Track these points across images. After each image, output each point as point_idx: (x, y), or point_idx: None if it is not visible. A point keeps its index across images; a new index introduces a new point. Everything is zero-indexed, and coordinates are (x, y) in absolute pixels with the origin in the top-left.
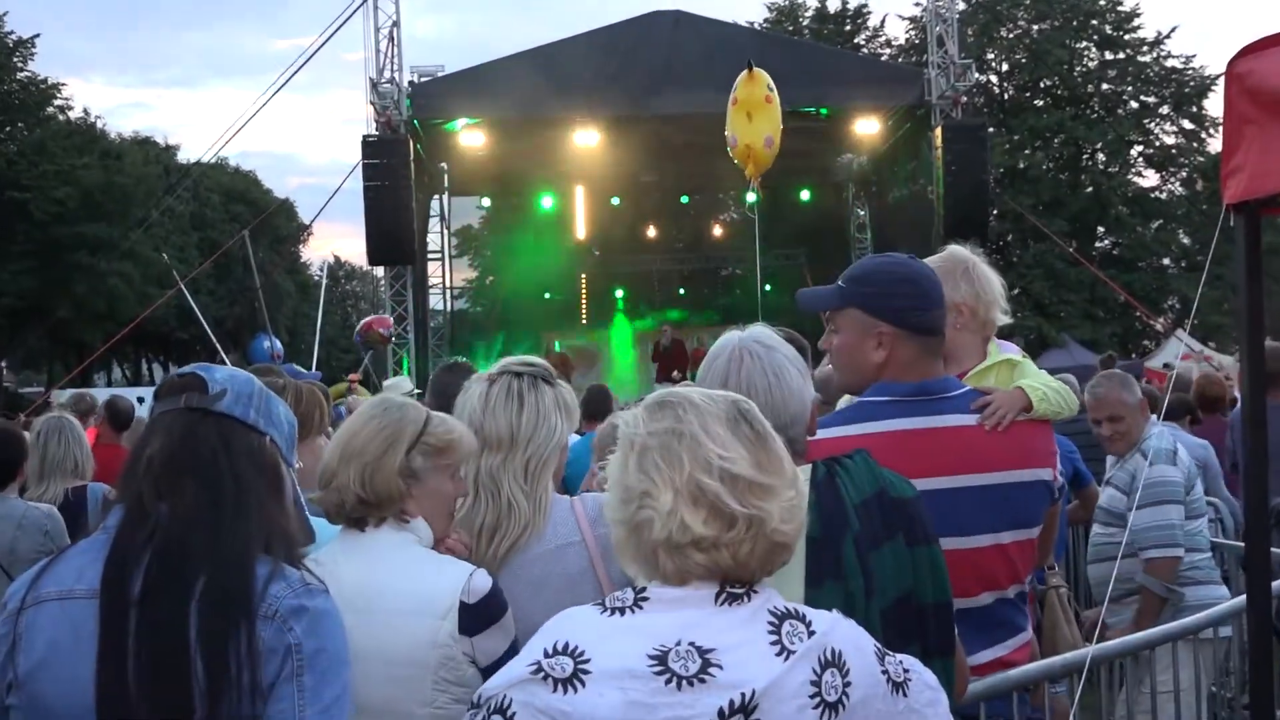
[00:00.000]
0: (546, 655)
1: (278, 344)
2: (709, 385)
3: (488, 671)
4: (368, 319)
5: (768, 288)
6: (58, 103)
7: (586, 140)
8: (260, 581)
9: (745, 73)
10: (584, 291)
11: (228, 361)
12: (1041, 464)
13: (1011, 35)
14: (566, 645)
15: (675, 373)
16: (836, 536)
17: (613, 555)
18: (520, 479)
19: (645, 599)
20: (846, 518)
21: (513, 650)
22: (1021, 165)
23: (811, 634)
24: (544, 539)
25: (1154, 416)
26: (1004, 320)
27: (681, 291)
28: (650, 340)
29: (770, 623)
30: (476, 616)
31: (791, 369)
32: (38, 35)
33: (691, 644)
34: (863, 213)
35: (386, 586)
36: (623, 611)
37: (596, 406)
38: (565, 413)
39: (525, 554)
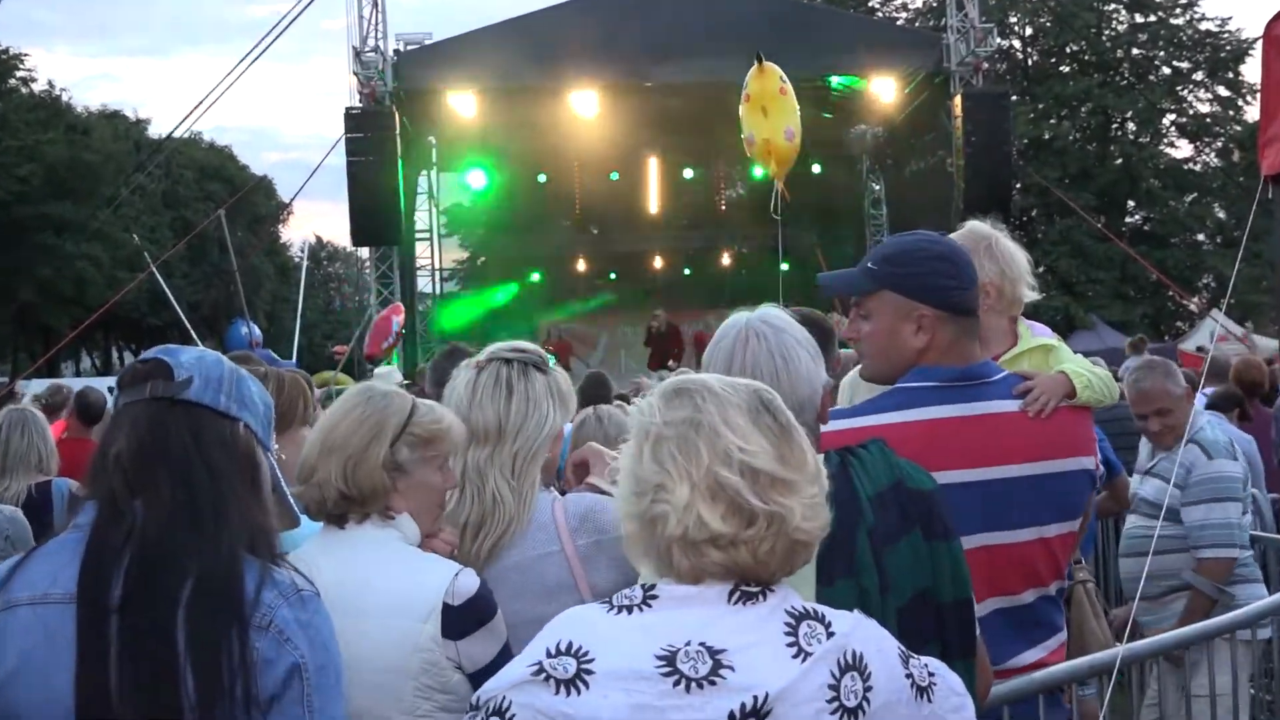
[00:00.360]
0: (549, 655)
1: (256, 330)
2: (714, 369)
3: (476, 678)
4: (383, 314)
5: (785, 266)
6: (20, 74)
7: (584, 108)
8: (250, 587)
9: (755, 67)
10: (581, 272)
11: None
12: (1085, 451)
13: None
14: (570, 645)
15: (670, 361)
16: (849, 530)
17: (595, 564)
18: (507, 473)
19: (654, 597)
20: (860, 510)
21: (505, 655)
22: (1047, 136)
23: (831, 635)
24: (524, 544)
25: (1200, 405)
26: (1031, 297)
27: (686, 271)
28: (642, 324)
29: (787, 623)
30: (462, 619)
31: (801, 351)
32: None
33: (702, 644)
34: (878, 187)
35: (366, 587)
36: (630, 610)
37: (594, 394)
38: (559, 401)
39: (502, 562)
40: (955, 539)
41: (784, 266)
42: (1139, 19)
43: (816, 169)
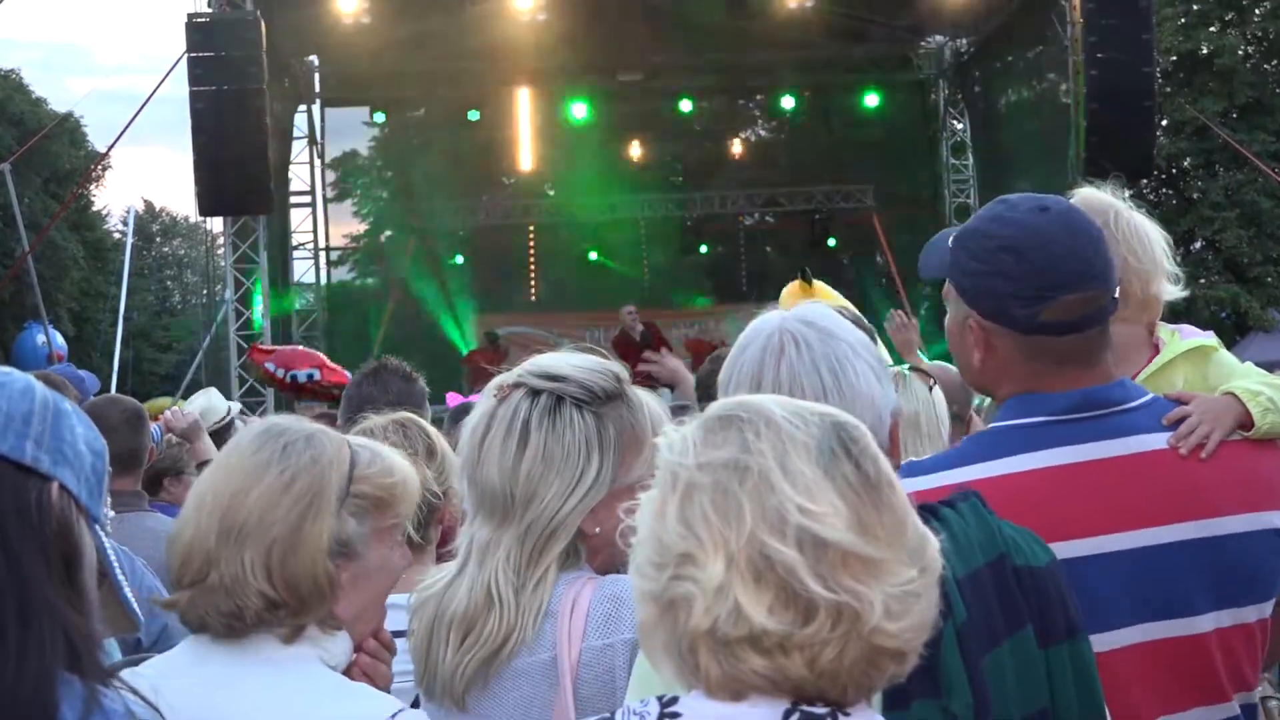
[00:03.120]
0: None
1: (57, 338)
2: (733, 389)
3: None
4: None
5: (831, 241)
6: None
7: (531, 10)
8: None
9: (796, 283)
10: (533, 251)
11: None
12: (1273, 504)
13: None
14: None
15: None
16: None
17: (597, 682)
18: (515, 559)
19: (675, 714)
20: (948, 600)
21: None
22: (1205, 50)
23: None
24: (532, 648)
25: None
26: (1174, 293)
27: (689, 251)
28: (606, 325)
29: None
30: None
31: (859, 362)
32: None
33: None
34: (960, 126)
35: None
36: None
37: None
38: (612, 450)
39: (495, 687)
40: (1082, 637)
41: (831, 242)
42: None
43: (873, 100)
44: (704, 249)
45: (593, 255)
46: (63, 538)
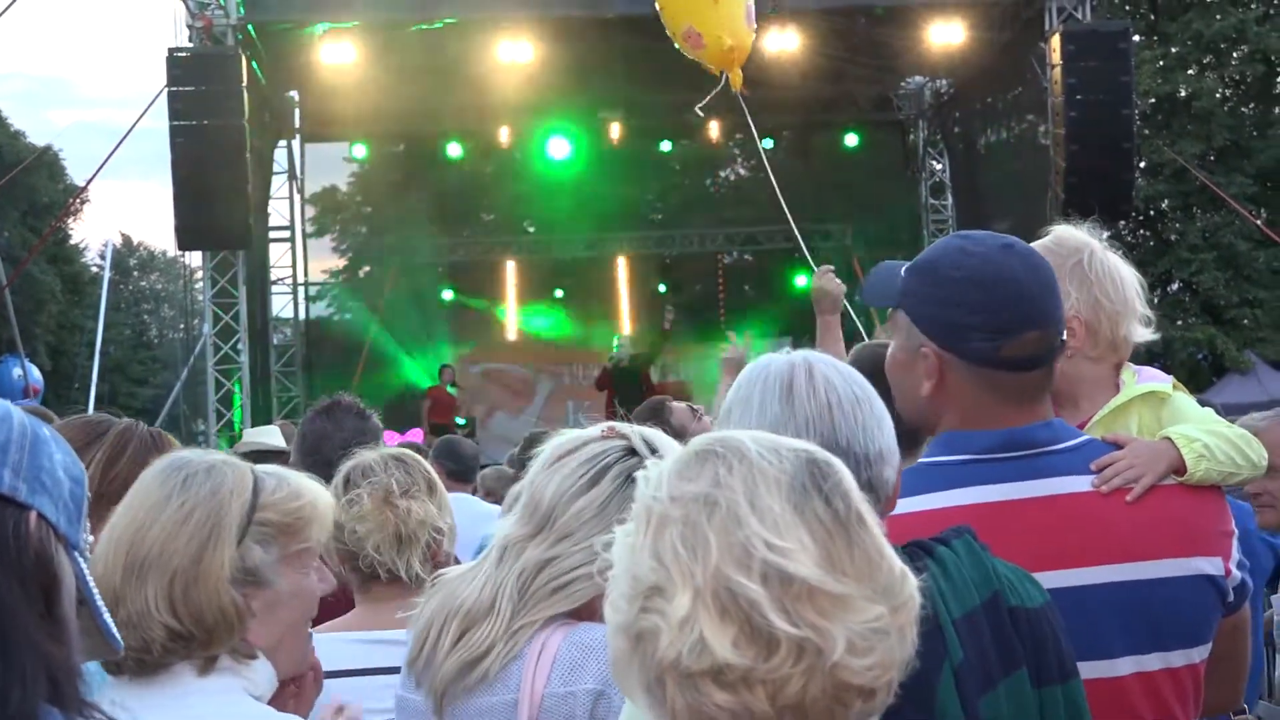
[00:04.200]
0: None
1: (34, 371)
2: (734, 423)
3: None
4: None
5: (799, 282)
6: None
7: (514, 55)
8: None
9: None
10: (513, 288)
11: None
12: (1203, 550)
13: None
14: None
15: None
16: (928, 672)
17: None
18: (520, 576)
19: None
20: (944, 642)
21: None
22: (1183, 92)
23: None
24: (496, 687)
25: None
26: (1144, 336)
27: (661, 288)
28: (585, 362)
29: None
30: None
31: (875, 398)
32: None
33: None
34: (939, 166)
35: None
36: None
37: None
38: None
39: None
40: (1075, 679)
41: (797, 282)
42: None
43: (853, 140)
44: (682, 287)
45: (572, 292)
46: (41, 568)
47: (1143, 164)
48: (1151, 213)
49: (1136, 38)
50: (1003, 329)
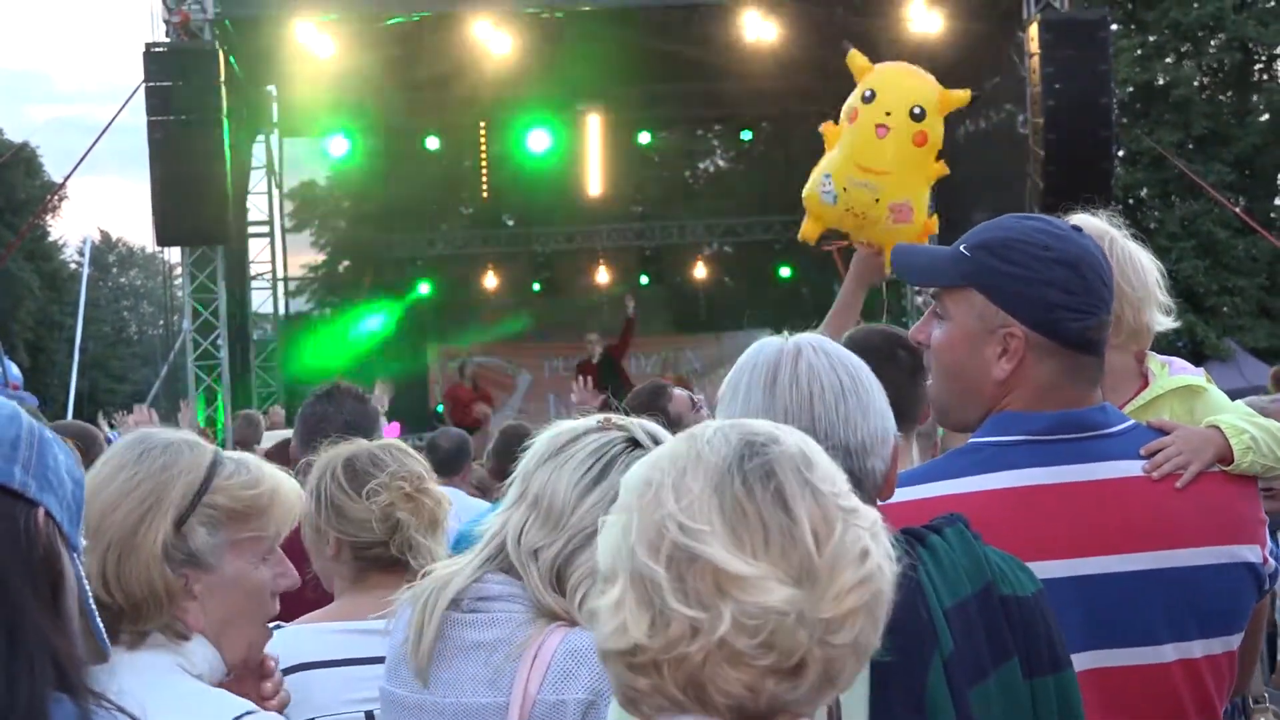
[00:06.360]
0: None
1: (13, 368)
2: (745, 388)
3: None
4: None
5: (784, 272)
6: None
7: (491, 41)
8: None
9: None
10: (493, 282)
11: None
12: (1246, 539)
13: None
14: None
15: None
16: (918, 662)
17: None
18: (540, 570)
19: None
20: (934, 632)
21: None
22: (1161, 81)
23: None
24: (460, 674)
25: None
26: (1165, 324)
27: (643, 280)
28: (565, 355)
29: None
30: None
31: (868, 388)
32: None
33: None
34: None
35: None
36: None
37: (513, 455)
38: None
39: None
40: (1067, 669)
41: (785, 272)
42: None
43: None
44: (663, 279)
45: (551, 285)
46: (49, 563)
47: (1121, 153)
48: (1130, 201)
49: (1115, 26)
50: (1089, 310)
